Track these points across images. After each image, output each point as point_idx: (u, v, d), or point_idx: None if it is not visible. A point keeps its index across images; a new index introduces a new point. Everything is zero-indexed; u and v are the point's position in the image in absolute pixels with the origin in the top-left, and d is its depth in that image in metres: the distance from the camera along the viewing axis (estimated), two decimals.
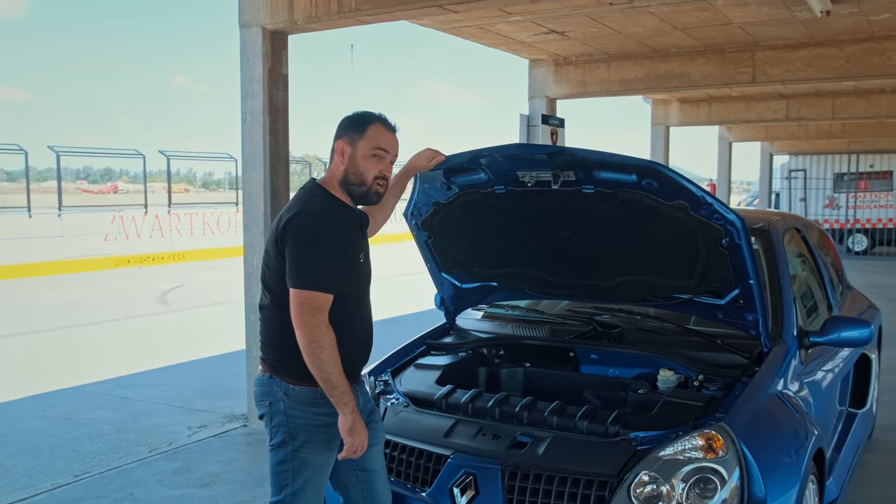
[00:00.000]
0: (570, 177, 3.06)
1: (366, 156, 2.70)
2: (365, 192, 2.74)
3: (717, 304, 3.29)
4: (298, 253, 2.58)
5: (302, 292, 2.56)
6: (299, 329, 2.57)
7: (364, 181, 2.72)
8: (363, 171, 2.71)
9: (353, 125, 2.73)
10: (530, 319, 3.97)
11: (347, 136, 2.72)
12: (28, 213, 17.97)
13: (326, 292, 2.58)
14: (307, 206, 2.65)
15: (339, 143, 2.72)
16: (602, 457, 2.76)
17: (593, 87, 9.01)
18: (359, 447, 2.66)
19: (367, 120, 2.73)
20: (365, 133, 2.70)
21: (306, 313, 2.56)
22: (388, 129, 2.75)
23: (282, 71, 5.62)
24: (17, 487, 4.61)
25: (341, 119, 2.76)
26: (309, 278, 2.57)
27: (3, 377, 7.40)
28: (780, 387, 3.18)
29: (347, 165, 2.71)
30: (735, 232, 2.96)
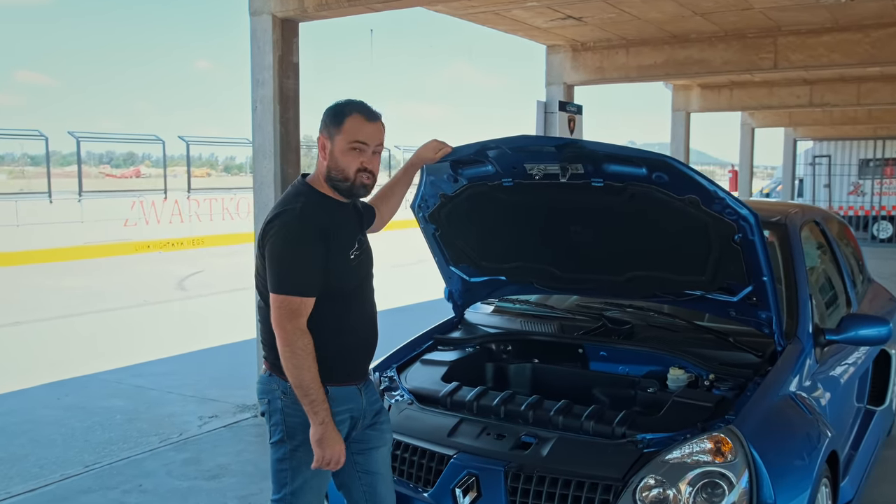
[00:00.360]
0: (578, 170, 2.99)
1: (344, 150, 2.61)
2: (350, 187, 2.65)
3: (730, 301, 3.20)
4: (275, 257, 2.53)
5: (278, 297, 2.51)
6: (276, 333, 2.54)
7: (346, 176, 2.63)
8: (344, 167, 2.62)
9: (331, 119, 2.63)
10: (539, 314, 3.90)
11: (326, 130, 2.63)
12: (49, 199, 18.07)
13: (303, 296, 2.52)
14: (286, 209, 2.58)
15: (320, 139, 2.64)
16: (607, 459, 2.70)
17: (611, 74, 8.88)
18: (331, 460, 2.57)
19: (343, 112, 2.61)
20: (342, 126, 2.60)
21: (283, 318, 2.51)
22: (366, 120, 2.62)
23: (292, 59, 5.56)
24: (27, 477, 4.63)
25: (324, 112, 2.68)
26: (285, 283, 2.52)
27: (19, 365, 7.45)
28: (794, 387, 3.10)
29: (329, 161, 2.62)
30: (748, 227, 2.87)
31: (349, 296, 2.70)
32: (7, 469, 4.77)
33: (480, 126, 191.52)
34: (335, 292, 2.62)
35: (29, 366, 7.35)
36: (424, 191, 3.45)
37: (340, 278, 2.64)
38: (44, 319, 9.71)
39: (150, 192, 21.09)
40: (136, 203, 18.82)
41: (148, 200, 19.28)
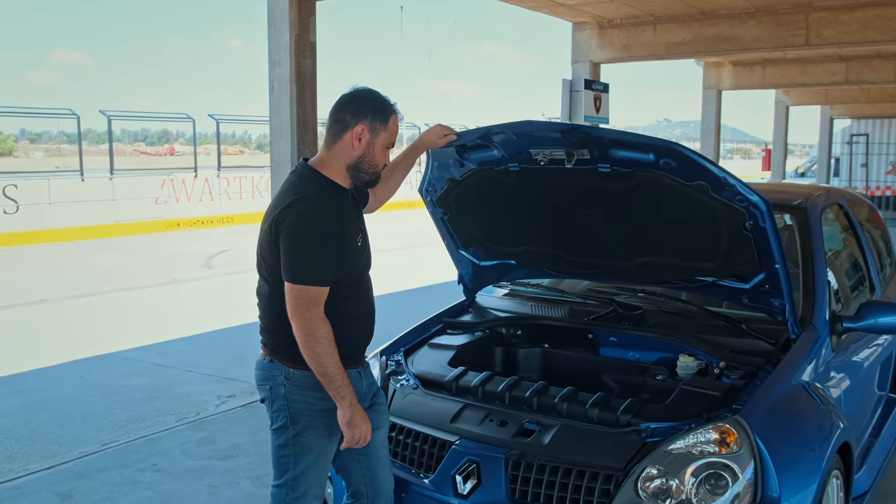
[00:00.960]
0: (584, 155, 2.93)
1: (381, 147, 2.62)
2: (374, 179, 2.68)
3: (742, 288, 3.13)
4: (292, 247, 2.50)
5: (296, 286, 2.50)
6: (294, 323, 2.52)
7: (377, 171, 2.66)
8: (378, 162, 2.64)
9: (378, 113, 2.59)
10: (550, 299, 3.84)
11: (370, 123, 2.58)
12: (81, 177, 18.29)
13: (321, 286, 2.51)
14: (302, 196, 2.53)
15: (361, 128, 2.58)
16: (609, 448, 2.65)
17: (638, 51, 8.72)
18: (360, 439, 2.60)
19: (389, 110, 2.62)
20: (388, 125, 2.61)
21: (301, 307, 2.50)
22: (399, 119, 2.67)
23: (309, 39, 5.52)
24: (46, 455, 4.69)
25: (357, 95, 2.62)
26: (303, 273, 2.50)
27: (45, 342, 7.56)
28: (807, 376, 3.02)
29: (364, 153, 2.60)
30: (759, 215, 2.80)
31: (351, 282, 2.68)
32: (27, 447, 4.84)
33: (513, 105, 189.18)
34: (342, 279, 2.60)
35: (54, 344, 7.45)
36: (431, 175, 3.41)
37: (348, 265, 2.63)
38: (71, 297, 9.84)
39: (181, 170, 21.26)
40: (167, 181, 18.99)
41: (178, 178, 19.44)
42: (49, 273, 11.94)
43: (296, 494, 2.70)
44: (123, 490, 4.19)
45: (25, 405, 5.63)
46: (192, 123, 21.42)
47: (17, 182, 17.29)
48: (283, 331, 2.65)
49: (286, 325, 2.63)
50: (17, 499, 4.10)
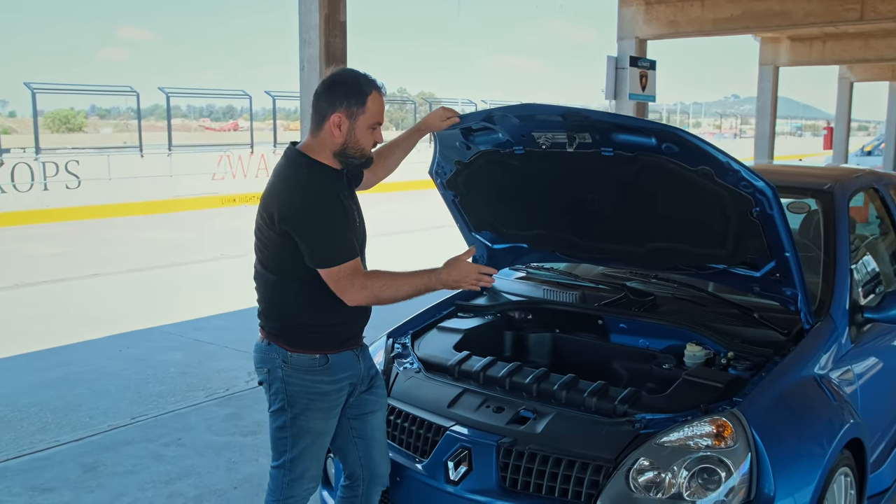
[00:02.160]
0: (585, 139, 2.87)
1: (364, 130, 2.59)
2: (363, 163, 2.67)
3: (753, 276, 3.02)
4: (310, 237, 2.50)
5: (332, 270, 2.52)
6: (354, 300, 2.56)
7: (364, 153, 2.63)
8: (363, 145, 2.61)
9: (352, 96, 2.55)
10: (564, 283, 3.78)
11: (346, 108, 2.55)
12: (140, 153, 18.71)
13: (352, 258, 2.54)
14: (297, 185, 2.54)
15: (337, 117, 2.54)
16: (602, 438, 2.60)
17: (685, 28, 8.48)
18: (473, 278, 2.71)
19: (365, 90, 2.56)
20: (365, 106, 2.56)
21: (347, 285, 2.54)
22: (381, 96, 2.61)
23: (339, 18, 5.50)
24: (77, 427, 4.84)
25: (332, 82, 2.59)
26: (331, 255, 2.52)
27: (93, 315, 7.77)
28: (819, 369, 2.91)
29: (347, 139, 2.57)
30: (765, 201, 2.69)
31: None
32: (60, 418, 5.00)
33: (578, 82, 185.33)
34: None
35: (101, 317, 7.66)
36: (439, 157, 3.40)
37: None
38: (123, 272, 10.10)
39: (239, 146, 21.56)
40: (224, 157, 19.30)
41: (235, 155, 19.74)
42: (104, 247, 12.27)
43: (293, 476, 2.73)
44: (146, 463, 4.29)
45: (65, 377, 5.81)
46: (249, 100, 21.70)
47: (80, 158, 17.79)
48: (280, 315, 2.68)
49: (284, 309, 2.67)
50: (43, 469, 4.23)
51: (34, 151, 16.97)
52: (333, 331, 2.66)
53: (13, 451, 4.47)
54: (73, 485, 4.06)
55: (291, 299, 2.64)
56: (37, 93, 17.29)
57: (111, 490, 4.00)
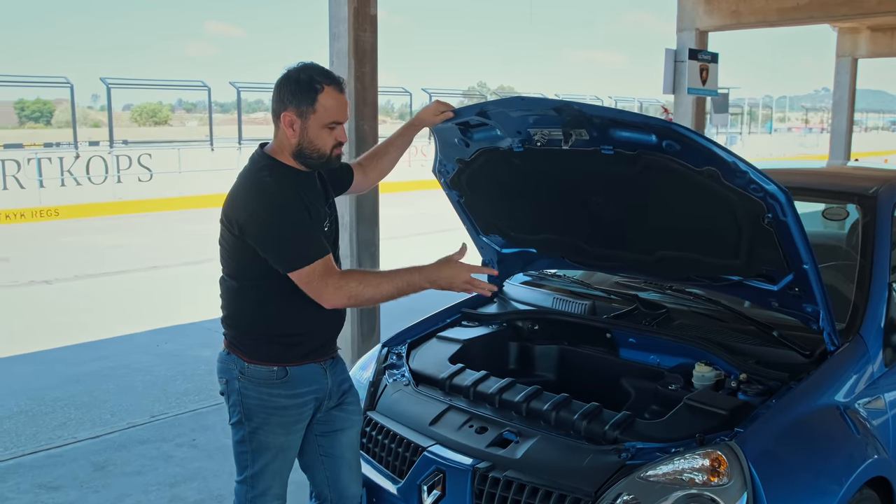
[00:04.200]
0: (582, 136, 2.63)
1: (319, 130, 2.39)
2: (325, 162, 2.46)
3: (771, 290, 2.73)
4: (273, 242, 2.35)
5: (302, 271, 2.35)
6: (327, 302, 2.39)
7: (322, 154, 2.43)
8: (320, 146, 2.41)
9: (301, 93, 2.36)
10: (577, 292, 3.53)
11: (296, 107, 2.37)
12: (210, 147, 19.03)
13: (322, 256, 2.36)
14: (256, 190, 2.38)
15: (287, 116, 2.38)
16: (584, 468, 2.37)
17: (748, 18, 8.02)
18: (463, 281, 2.47)
19: (316, 87, 2.36)
20: (315, 105, 2.36)
21: (320, 287, 2.36)
22: (339, 92, 2.40)
23: (369, 11, 5.34)
24: (97, 423, 4.83)
25: (283, 78, 2.40)
26: (297, 256, 2.35)
27: (140, 308, 7.85)
28: (843, 396, 2.60)
29: (300, 139, 2.40)
30: (777, 207, 2.41)
31: None
32: (83, 414, 5.00)
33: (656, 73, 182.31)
34: None
35: (149, 310, 7.73)
36: (440, 155, 3.22)
37: None
38: (180, 265, 10.22)
39: None
40: None
41: None
42: (167, 240, 12.47)
43: (255, 493, 2.59)
44: (155, 464, 4.24)
45: (97, 371, 5.84)
46: None
47: (152, 151, 18.22)
48: (240, 324, 2.56)
49: (243, 319, 2.54)
50: (55, 467, 4.22)
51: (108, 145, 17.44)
52: (294, 342, 2.50)
53: (30, 447, 4.48)
54: (80, 484, 4.02)
55: (251, 307, 2.49)
56: (112, 87, 17.77)
57: (116, 490, 3.95)
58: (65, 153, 17.09)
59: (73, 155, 16.81)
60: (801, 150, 34.60)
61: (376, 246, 5.61)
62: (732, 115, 32.01)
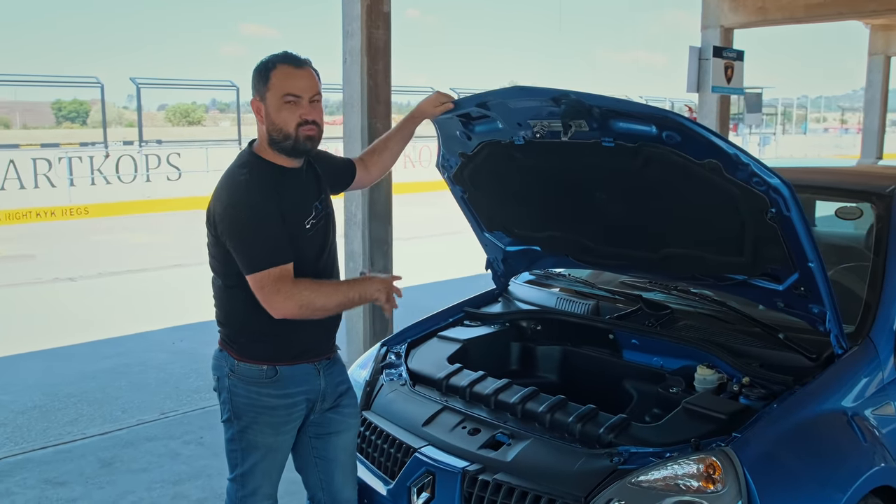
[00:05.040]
0: (582, 127, 2.56)
1: (278, 107, 2.35)
2: (293, 145, 2.39)
3: (776, 289, 2.64)
4: (238, 242, 2.33)
5: (257, 275, 2.32)
6: (277, 310, 2.34)
7: (287, 134, 2.37)
8: (281, 124, 2.36)
9: (258, 78, 2.38)
10: (579, 291, 3.45)
11: (257, 92, 2.38)
12: (239, 145, 19.14)
13: (281, 264, 2.32)
14: (232, 188, 2.36)
15: (254, 104, 2.39)
16: (575, 472, 2.30)
17: (774, 14, 7.85)
18: (386, 293, 2.44)
19: (268, 67, 2.36)
20: (269, 83, 2.35)
21: (271, 293, 2.32)
22: (294, 68, 2.37)
23: (383, 8, 5.30)
24: (107, 420, 4.85)
25: None
26: (256, 261, 2.32)
27: (160, 306, 7.88)
28: (850, 402, 2.50)
29: (267, 124, 2.38)
30: (781, 201, 2.32)
31: (306, 268, 2.47)
32: (94, 410, 5.02)
33: None
34: None
35: (170, 308, 7.76)
36: (444, 149, 3.17)
37: (296, 250, 2.41)
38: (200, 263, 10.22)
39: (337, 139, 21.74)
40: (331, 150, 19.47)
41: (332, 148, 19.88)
42: (191, 239, 12.52)
43: (245, 492, 2.56)
44: (161, 461, 4.23)
45: (112, 368, 5.87)
46: None
47: (181, 150, 18.38)
48: (230, 322, 2.54)
49: (233, 317, 2.53)
50: (63, 462, 4.23)
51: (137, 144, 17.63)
52: (285, 341, 2.46)
53: (40, 442, 4.50)
54: (85, 480, 4.03)
55: (241, 306, 2.45)
56: (141, 87, 17.95)
57: (120, 487, 3.95)
58: (95, 152, 17.31)
59: (103, 154, 17.01)
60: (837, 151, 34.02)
61: (389, 244, 5.58)
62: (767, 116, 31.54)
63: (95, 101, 39.65)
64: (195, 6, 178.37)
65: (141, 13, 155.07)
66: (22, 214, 14.51)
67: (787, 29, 8.65)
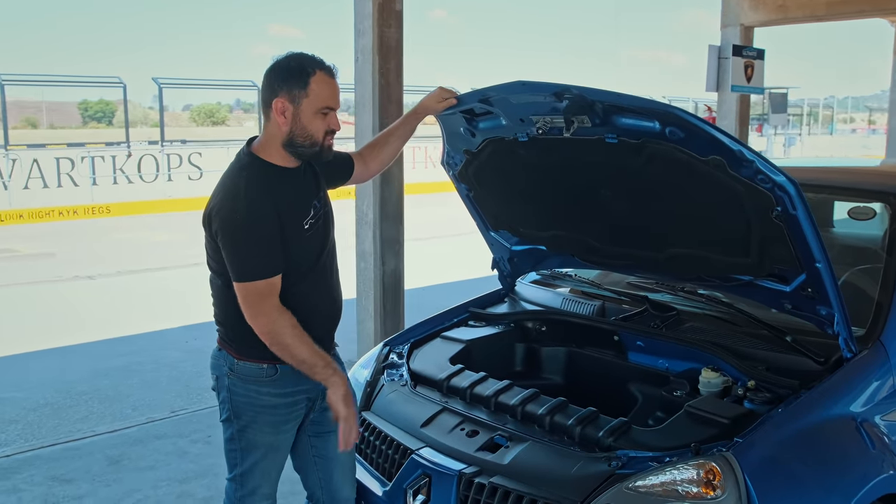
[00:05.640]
0: (585, 122, 2.52)
1: (312, 115, 2.31)
2: (318, 152, 2.37)
3: (783, 290, 2.58)
4: (229, 248, 2.31)
5: (242, 285, 2.32)
6: (253, 323, 2.34)
7: (315, 141, 2.34)
8: (312, 132, 2.33)
9: (293, 79, 2.30)
10: (585, 292, 3.40)
11: (287, 93, 2.30)
12: None
13: (267, 278, 2.31)
14: (230, 191, 2.32)
15: (279, 103, 2.31)
16: (571, 476, 2.25)
17: (795, 12, 7.73)
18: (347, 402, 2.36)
19: (307, 71, 2.30)
20: (308, 89, 2.29)
21: (252, 305, 2.32)
22: (330, 78, 2.33)
23: (395, 7, 5.27)
24: (117, 418, 4.86)
25: (272, 66, 2.34)
26: (245, 269, 2.31)
27: (176, 304, 7.91)
28: (859, 407, 2.43)
29: (292, 126, 2.32)
30: (787, 199, 2.26)
31: (306, 267, 2.45)
32: (105, 408, 5.04)
33: None
34: (289, 265, 2.39)
35: (186, 306, 7.76)
36: (447, 146, 3.13)
37: (295, 250, 2.40)
38: None
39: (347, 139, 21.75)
40: None
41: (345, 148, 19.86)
42: None
43: (244, 492, 2.55)
44: (169, 460, 4.23)
45: (125, 366, 5.89)
46: None
47: (202, 150, 18.49)
48: (229, 322, 2.51)
49: (232, 317, 2.49)
50: (71, 460, 4.24)
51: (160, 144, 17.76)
52: None
53: (50, 439, 4.52)
54: (92, 477, 4.03)
55: (239, 306, 2.43)
56: (164, 87, 18.08)
57: (127, 485, 3.95)
58: (117, 152, 17.47)
59: (125, 154, 17.16)
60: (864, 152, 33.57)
61: (401, 244, 5.55)
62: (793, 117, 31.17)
63: (121, 102, 39.95)
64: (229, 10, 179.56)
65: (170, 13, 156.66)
66: (45, 213, 14.66)
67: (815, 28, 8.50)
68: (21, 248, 11.65)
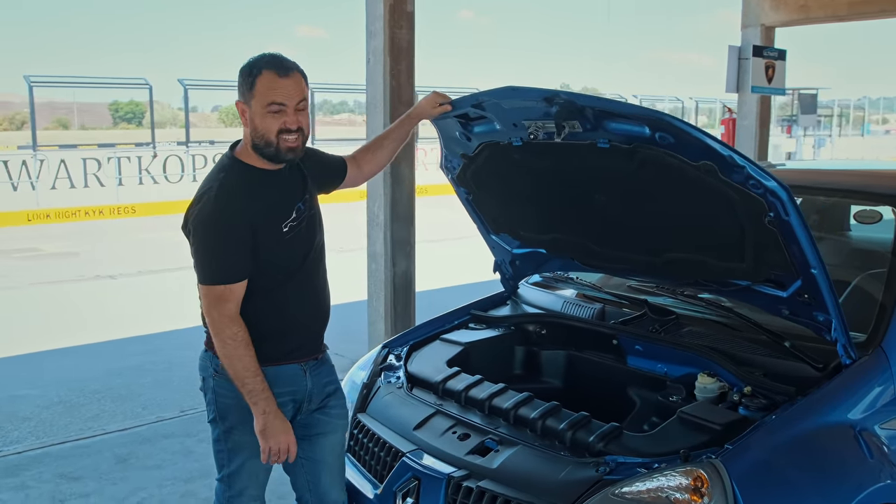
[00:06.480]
0: (576, 128, 2.50)
1: (262, 114, 2.31)
2: (275, 153, 2.35)
3: (780, 296, 2.54)
4: (195, 247, 2.35)
5: (202, 287, 2.36)
6: (208, 322, 2.38)
7: (268, 141, 2.34)
8: (264, 132, 2.33)
9: (244, 81, 2.33)
10: (586, 295, 3.37)
11: (241, 95, 2.34)
12: None
13: (226, 283, 2.32)
14: (203, 193, 2.35)
15: (238, 105, 2.36)
16: (559, 482, 2.23)
17: (817, 13, 7.62)
18: (278, 451, 2.40)
19: (253, 72, 2.31)
20: (254, 89, 2.31)
21: (210, 307, 2.35)
22: (279, 76, 2.31)
23: (406, 8, 5.27)
24: (127, 417, 4.90)
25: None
26: (206, 271, 2.34)
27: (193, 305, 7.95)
28: (857, 414, 2.39)
29: (252, 130, 2.35)
30: (778, 205, 2.23)
31: (288, 270, 2.45)
32: (116, 406, 5.09)
33: None
34: (269, 268, 2.40)
35: None
36: (445, 150, 3.13)
37: (274, 253, 2.40)
38: None
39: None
40: None
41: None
42: None
43: (232, 493, 2.56)
44: (175, 459, 4.26)
45: (139, 365, 5.95)
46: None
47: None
48: None
49: None
50: (81, 457, 4.28)
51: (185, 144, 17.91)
52: (270, 342, 2.43)
53: (60, 437, 4.57)
54: (100, 475, 4.07)
55: None
56: (189, 88, 18.25)
57: (133, 483, 3.98)
58: (143, 153, 17.63)
59: (151, 154, 17.32)
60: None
61: (412, 245, 5.55)
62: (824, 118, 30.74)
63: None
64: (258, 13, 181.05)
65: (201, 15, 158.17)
66: (71, 213, 14.85)
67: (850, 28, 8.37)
68: (45, 247, 11.81)
